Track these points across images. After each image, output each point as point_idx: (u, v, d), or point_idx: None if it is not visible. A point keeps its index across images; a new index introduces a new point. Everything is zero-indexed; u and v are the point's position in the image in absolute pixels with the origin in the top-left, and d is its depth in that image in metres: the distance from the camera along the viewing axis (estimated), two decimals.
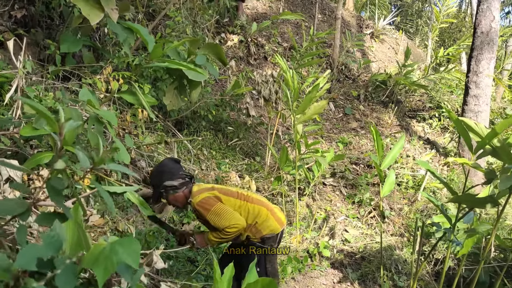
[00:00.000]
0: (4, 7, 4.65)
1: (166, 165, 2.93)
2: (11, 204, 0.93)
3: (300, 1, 9.94)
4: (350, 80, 8.29)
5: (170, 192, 2.86)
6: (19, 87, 3.45)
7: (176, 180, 2.85)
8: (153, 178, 2.91)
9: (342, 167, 5.90)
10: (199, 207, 2.79)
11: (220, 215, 2.74)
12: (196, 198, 2.82)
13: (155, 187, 2.89)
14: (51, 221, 0.95)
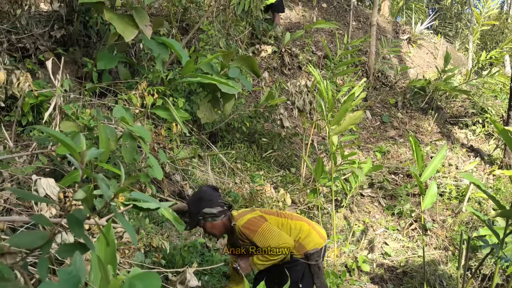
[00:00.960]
0: (45, 27, 4.82)
1: (204, 192, 2.89)
2: (32, 236, 0.91)
3: (334, 9, 9.84)
4: (387, 87, 8.09)
5: (208, 220, 2.79)
6: (57, 105, 3.53)
7: (215, 208, 2.79)
8: (191, 205, 2.86)
9: (380, 177, 5.73)
10: (245, 229, 2.72)
11: (268, 236, 2.68)
12: (241, 220, 2.75)
13: (192, 214, 2.83)
14: (72, 252, 0.92)
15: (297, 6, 9.24)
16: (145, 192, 3.53)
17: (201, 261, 3.66)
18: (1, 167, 2.73)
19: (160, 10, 6.33)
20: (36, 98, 3.75)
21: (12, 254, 0.93)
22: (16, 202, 2.57)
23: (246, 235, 2.72)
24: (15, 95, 3.71)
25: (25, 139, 3.65)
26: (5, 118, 3.79)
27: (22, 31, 4.63)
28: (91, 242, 0.96)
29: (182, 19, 6.28)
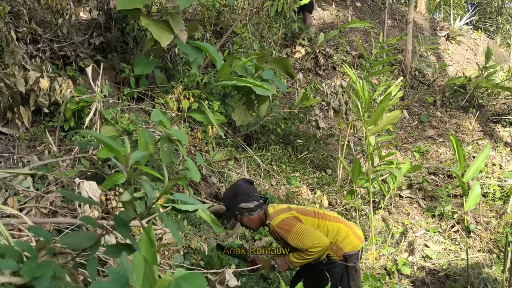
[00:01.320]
0: (84, 35, 4.97)
1: (240, 187, 2.88)
2: (80, 237, 0.94)
3: (368, 7, 9.69)
4: (424, 85, 7.89)
5: (245, 214, 2.81)
6: (98, 110, 3.63)
7: (252, 202, 2.80)
8: (227, 199, 2.88)
9: (420, 178, 5.59)
10: (279, 229, 2.72)
11: (302, 236, 2.67)
12: (275, 220, 2.75)
13: (229, 209, 2.85)
14: (119, 253, 0.94)
15: (331, 6, 9.16)
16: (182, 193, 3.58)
17: (239, 262, 3.67)
18: (47, 171, 2.83)
19: (195, 14, 6.41)
20: (77, 104, 3.87)
21: (63, 254, 0.96)
22: (61, 205, 2.66)
23: (281, 234, 2.72)
24: (57, 101, 3.85)
25: (68, 143, 3.77)
26: (49, 123, 3.93)
27: (63, 39, 4.80)
28: (136, 243, 0.99)
29: (216, 23, 6.34)
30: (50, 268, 0.88)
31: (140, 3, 4.09)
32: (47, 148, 3.54)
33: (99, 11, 5.02)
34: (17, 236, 2.11)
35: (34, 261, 0.89)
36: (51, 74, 3.90)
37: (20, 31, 4.46)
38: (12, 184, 2.62)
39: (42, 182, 2.82)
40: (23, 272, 0.83)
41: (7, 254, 0.91)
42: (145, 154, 1.06)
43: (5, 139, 3.78)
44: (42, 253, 0.95)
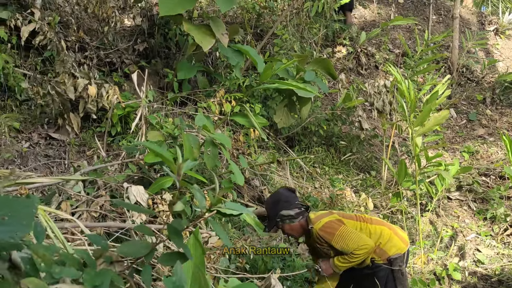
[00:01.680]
0: (129, 42, 5.10)
1: (282, 194, 2.88)
2: (137, 246, 0.96)
3: (412, 3, 9.44)
4: (473, 83, 7.60)
5: (286, 222, 2.79)
6: (143, 115, 3.71)
7: (293, 209, 2.78)
8: (269, 207, 2.88)
9: (469, 179, 5.38)
10: (323, 232, 2.69)
11: (347, 238, 2.64)
12: (318, 224, 2.73)
13: (270, 217, 2.84)
14: (174, 261, 0.96)
15: (372, 3, 8.99)
16: (226, 197, 3.60)
17: (283, 266, 3.66)
18: (96, 176, 2.92)
19: (235, 17, 6.45)
20: (123, 110, 3.98)
21: (119, 262, 0.98)
22: (110, 209, 2.74)
23: (324, 238, 2.69)
24: (104, 107, 3.97)
25: (115, 148, 3.88)
26: (97, 129, 4.06)
27: (109, 46, 4.95)
28: (189, 251, 0.99)
29: (256, 25, 6.36)
30: (109, 276, 0.90)
31: (182, 8, 4.15)
32: (96, 153, 3.66)
33: (142, 17, 5.15)
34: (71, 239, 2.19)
35: (93, 270, 0.91)
36: (98, 81, 4.03)
37: (69, 40, 4.64)
38: (65, 189, 2.72)
39: (92, 187, 2.91)
40: (84, 280, 0.86)
41: (68, 262, 0.93)
42: (195, 163, 1.07)
43: (57, 145, 3.94)
44: (100, 261, 0.97)
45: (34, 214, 0.84)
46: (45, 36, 4.24)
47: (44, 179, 1.80)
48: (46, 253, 0.87)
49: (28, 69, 4.37)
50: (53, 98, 3.85)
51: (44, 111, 4.12)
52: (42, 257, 0.86)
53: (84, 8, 4.95)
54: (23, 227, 0.79)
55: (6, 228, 0.78)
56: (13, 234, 0.78)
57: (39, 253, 0.87)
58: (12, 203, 0.83)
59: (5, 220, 0.78)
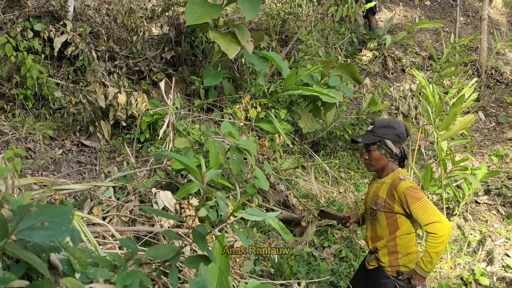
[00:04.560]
0: (156, 50, 5.24)
1: (400, 127, 2.62)
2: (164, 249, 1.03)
3: (439, 5, 9.33)
4: (502, 85, 7.44)
5: (382, 151, 2.58)
6: (171, 122, 3.81)
7: (397, 147, 2.58)
8: (381, 126, 2.62)
9: (498, 183, 5.28)
10: (410, 191, 2.45)
11: (429, 208, 2.42)
12: (406, 182, 2.50)
13: (375, 133, 2.60)
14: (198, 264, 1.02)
15: (398, 6, 8.93)
16: (252, 202, 3.67)
17: (308, 270, 3.69)
18: (126, 182, 3.03)
19: (260, 24, 6.53)
20: (151, 117, 4.09)
21: (148, 264, 1.05)
22: (139, 213, 2.84)
23: (407, 198, 2.45)
24: (134, 114, 4.10)
25: (144, 154, 4.00)
26: (126, 136, 4.19)
27: (137, 55, 5.10)
28: (213, 255, 1.06)
29: (281, 31, 6.42)
30: (138, 277, 0.97)
31: (208, 17, 4.25)
32: (125, 159, 3.78)
33: (169, 26, 5.28)
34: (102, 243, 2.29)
35: (125, 271, 0.99)
36: (128, 89, 4.16)
37: (99, 49, 4.81)
38: (96, 194, 2.84)
39: (122, 192, 3.02)
40: (116, 280, 0.93)
41: (101, 264, 1.01)
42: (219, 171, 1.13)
43: (88, 151, 4.09)
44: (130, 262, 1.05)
45: (71, 220, 0.93)
46: (77, 47, 4.41)
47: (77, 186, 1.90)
48: (82, 255, 0.95)
49: (60, 79, 4.55)
50: (84, 107, 4.00)
51: (76, 119, 4.29)
52: (78, 259, 0.94)
53: (114, 19, 5.12)
54: (62, 232, 0.87)
55: (46, 232, 0.86)
56: (53, 238, 0.86)
57: (75, 255, 0.94)
58: (51, 210, 0.91)
59: (46, 225, 0.86)
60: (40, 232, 0.86)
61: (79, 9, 4.93)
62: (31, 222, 0.87)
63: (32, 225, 0.85)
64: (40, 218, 0.88)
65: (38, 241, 0.85)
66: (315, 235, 4.08)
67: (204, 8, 4.30)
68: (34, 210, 0.83)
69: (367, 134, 2.65)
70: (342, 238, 4.11)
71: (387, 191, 2.57)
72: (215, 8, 4.35)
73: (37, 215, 0.88)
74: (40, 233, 0.86)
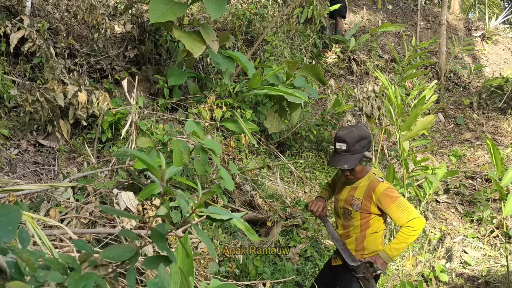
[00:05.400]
0: (119, 48, 5.12)
1: (367, 134, 2.59)
2: (121, 250, 0.98)
3: (400, 10, 9.56)
4: (460, 87, 7.70)
5: (363, 164, 2.56)
6: (133, 122, 3.72)
7: (370, 153, 2.58)
8: (354, 142, 2.53)
9: (457, 182, 5.45)
10: (388, 192, 2.48)
11: (405, 207, 2.46)
12: (384, 184, 2.53)
13: (353, 152, 2.52)
14: (157, 264, 0.98)
15: (361, 10, 9.09)
16: (217, 202, 3.62)
17: (273, 270, 3.68)
18: (86, 182, 2.93)
19: (225, 24, 6.49)
20: (114, 116, 3.99)
21: (104, 266, 1.00)
22: (100, 215, 2.75)
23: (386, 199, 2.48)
24: (95, 113, 3.98)
25: (105, 155, 3.89)
26: (87, 135, 4.07)
27: (99, 53, 4.96)
28: (173, 255, 1.02)
29: (247, 31, 6.40)
30: (92, 280, 0.92)
31: (173, 15, 4.19)
32: (86, 160, 3.66)
33: (133, 24, 5.17)
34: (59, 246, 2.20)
35: (78, 273, 0.93)
36: (89, 88, 4.04)
37: (59, 46, 4.64)
38: (54, 196, 2.73)
39: (82, 193, 2.91)
40: (68, 283, 0.88)
41: (53, 267, 0.95)
42: (179, 169, 1.09)
43: (46, 152, 3.94)
44: (85, 265, 0.99)
45: (19, 220, 0.87)
46: (34, 43, 4.24)
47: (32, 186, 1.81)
48: (30, 258, 0.89)
49: (17, 76, 4.37)
50: (42, 105, 3.85)
51: (33, 118, 4.12)
52: (27, 262, 0.88)
53: (74, 15, 4.96)
54: (8, 232, 0.81)
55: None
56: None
57: (23, 257, 0.88)
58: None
59: None
60: None
61: (37, 4, 4.75)
62: None
63: None
64: None
65: None
66: (281, 235, 4.08)
67: (168, 6, 4.23)
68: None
69: (345, 155, 2.54)
70: (307, 238, 4.13)
71: (364, 192, 2.58)
72: (179, 7, 4.29)
73: None
74: None
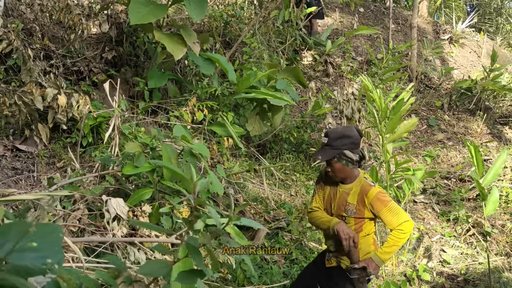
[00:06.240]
0: (96, 50, 5.00)
1: (354, 134, 2.60)
2: (157, 265, 0.96)
3: (371, 12, 9.75)
4: (431, 89, 7.93)
5: (343, 162, 2.54)
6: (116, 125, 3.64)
7: (355, 154, 2.55)
8: (335, 137, 2.57)
9: (433, 182, 5.60)
10: (380, 197, 2.52)
11: (396, 211, 2.50)
12: (376, 188, 2.56)
13: (331, 146, 2.55)
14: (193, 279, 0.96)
15: (334, 12, 9.21)
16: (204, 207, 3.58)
17: (261, 274, 3.68)
18: (72, 189, 2.84)
19: (202, 25, 6.45)
20: (95, 120, 3.89)
21: (139, 282, 0.97)
22: (88, 222, 2.67)
23: (378, 203, 2.51)
24: (75, 117, 3.87)
25: (87, 159, 3.78)
26: (67, 140, 3.95)
27: (76, 54, 4.83)
28: (208, 269, 1.00)
29: (224, 33, 6.38)
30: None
31: (153, 17, 4.12)
32: (69, 165, 3.55)
33: (110, 25, 5.05)
34: None
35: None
36: (68, 91, 3.92)
37: (34, 47, 4.49)
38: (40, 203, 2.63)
39: (69, 200, 2.83)
40: None
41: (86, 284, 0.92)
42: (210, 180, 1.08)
43: (24, 157, 3.80)
44: (119, 281, 0.96)
45: (62, 239, 0.83)
46: (10, 44, 4.09)
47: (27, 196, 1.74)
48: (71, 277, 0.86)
49: None
50: (20, 109, 3.71)
51: (9, 122, 3.96)
52: (68, 281, 0.85)
53: (49, 15, 4.81)
54: (55, 252, 0.78)
55: (37, 254, 0.77)
56: (45, 260, 0.77)
57: (64, 277, 0.85)
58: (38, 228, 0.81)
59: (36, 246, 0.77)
60: (31, 254, 0.76)
61: (10, 4, 4.58)
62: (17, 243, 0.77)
63: (21, 247, 0.75)
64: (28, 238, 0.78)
65: (29, 265, 0.75)
66: (266, 238, 4.08)
67: (149, 8, 4.16)
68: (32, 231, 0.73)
69: (324, 148, 2.61)
70: (292, 241, 4.15)
71: (357, 197, 2.59)
72: (160, 8, 4.23)
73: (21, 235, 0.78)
74: (31, 255, 0.76)
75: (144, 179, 3.48)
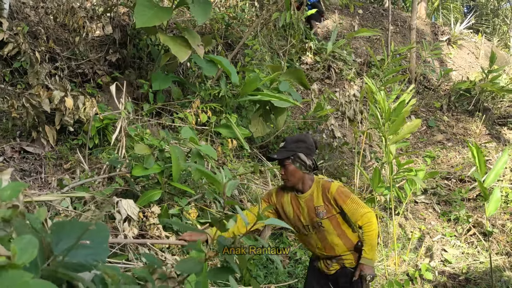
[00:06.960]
0: (100, 52, 5.04)
1: (309, 140, 2.74)
2: (191, 262, 1.00)
3: (370, 14, 9.82)
4: (430, 90, 8.00)
5: (297, 165, 2.66)
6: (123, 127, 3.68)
7: (309, 159, 2.69)
8: (292, 141, 2.72)
9: (433, 183, 5.67)
10: (341, 190, 2.65)
11: (358, 202, 2.63)
12: (334, 185, 2.67)
13: (288, 149, 2.68)
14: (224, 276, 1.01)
15: (334, 14, 9.28)
16: (210, 208, 3.64)
17: (266, 274, 3.72)
18: (83, 191, 2.89)
19: (204, 28, 6.49)
20: (101, 122, 3.92)
21: (172, 279, 1.02)
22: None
23: (341, 199, 2.62)
24: (81, 119, 3.91)
25: (94, 161, 3.82)
26: (74, 141, 3.98)
27: (80, 57, 4.86)
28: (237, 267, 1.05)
29: (225, 35, 6.42)
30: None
31: (158, 20, 4.16)
32: (76, 167, 3.59)
33: (114, 28, 5.09)
34: None
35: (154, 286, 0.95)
36: (74, 93, 3.95)
37: (39, 50, 4.52)
38: (53, 205, 2.68)
39: (79, 201, 2.87)
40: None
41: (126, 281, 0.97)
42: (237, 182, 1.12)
43: (32, 158, 3.83)
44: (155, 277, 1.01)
45: (108, 238, 0.88)
46: (17, 47, 4.12)
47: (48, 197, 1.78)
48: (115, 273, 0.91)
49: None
50: (27, 111, 3.74)
51: (16, 124, 4.00)
52: (112, 277, 0.90)
53: (53, 18, 4.85)
54: (104, 250, 0.83)
55: (88, 251, 0.82)
56: (96, 257, 0.82)
57: (108, 273, 0.90)
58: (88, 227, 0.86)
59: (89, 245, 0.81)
60: (83, 251, 0.81)
61: (15, 7, 4.61)
62: (70, 241, 0.82)
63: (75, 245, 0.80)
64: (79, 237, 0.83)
65: (83, 261, 0.80)
66: (271, 238, 4.13)
67: (153, 11, 4.20)
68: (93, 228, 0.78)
69: (281, 150, 2.73)
70: (296, 241, 4.20)
71: (322, 197, 2.69)
72: (164, 11, 4.27)
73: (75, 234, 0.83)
74: (83, 252, 0.81)
75: (152, 180, 3.52)
